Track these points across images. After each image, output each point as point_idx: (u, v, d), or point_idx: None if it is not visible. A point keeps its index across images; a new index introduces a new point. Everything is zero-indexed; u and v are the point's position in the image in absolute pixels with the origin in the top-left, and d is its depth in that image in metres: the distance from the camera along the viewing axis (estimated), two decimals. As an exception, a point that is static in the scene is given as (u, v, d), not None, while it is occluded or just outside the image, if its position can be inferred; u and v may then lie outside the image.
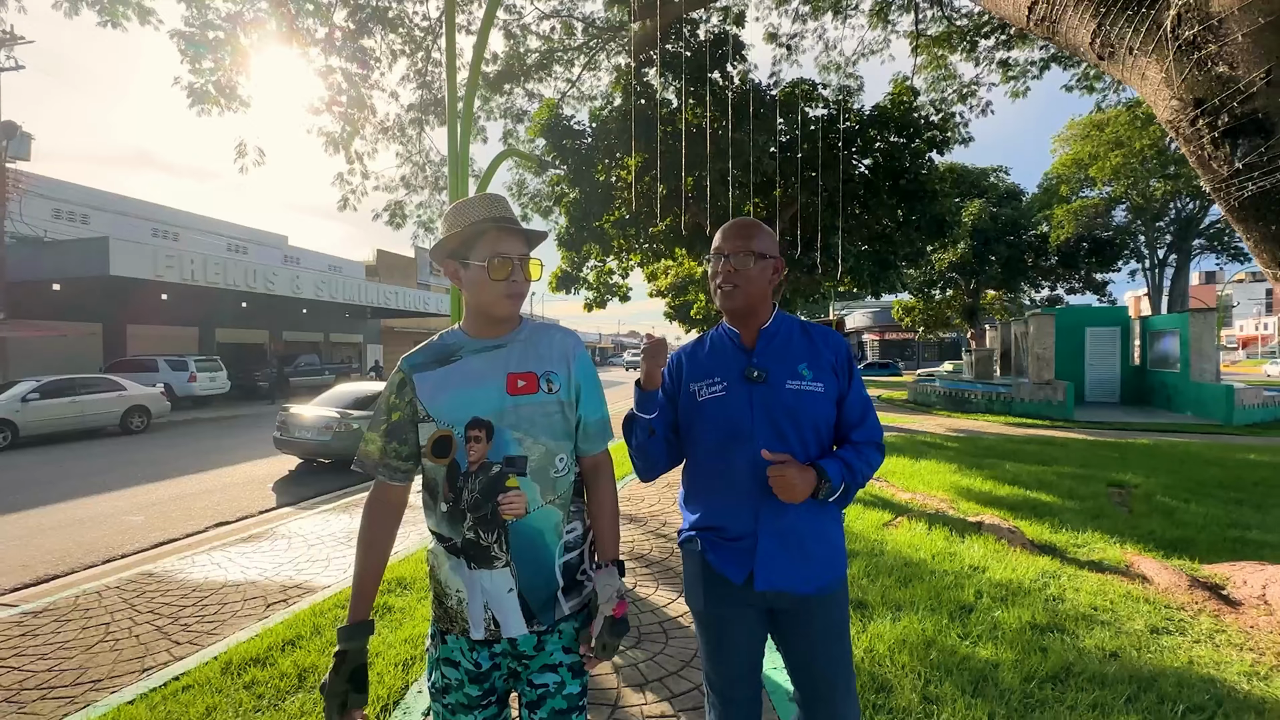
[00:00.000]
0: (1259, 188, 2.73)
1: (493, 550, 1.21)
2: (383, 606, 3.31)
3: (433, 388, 1.23)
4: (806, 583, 1.39)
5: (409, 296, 29.13)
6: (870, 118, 13.44)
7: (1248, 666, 2.62)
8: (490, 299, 1.25)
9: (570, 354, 1.32)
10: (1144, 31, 2.98)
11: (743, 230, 1.49)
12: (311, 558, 4.34)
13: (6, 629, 3.22)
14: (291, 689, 2.50)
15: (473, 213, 1.26)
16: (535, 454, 1.23)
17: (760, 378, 1.42)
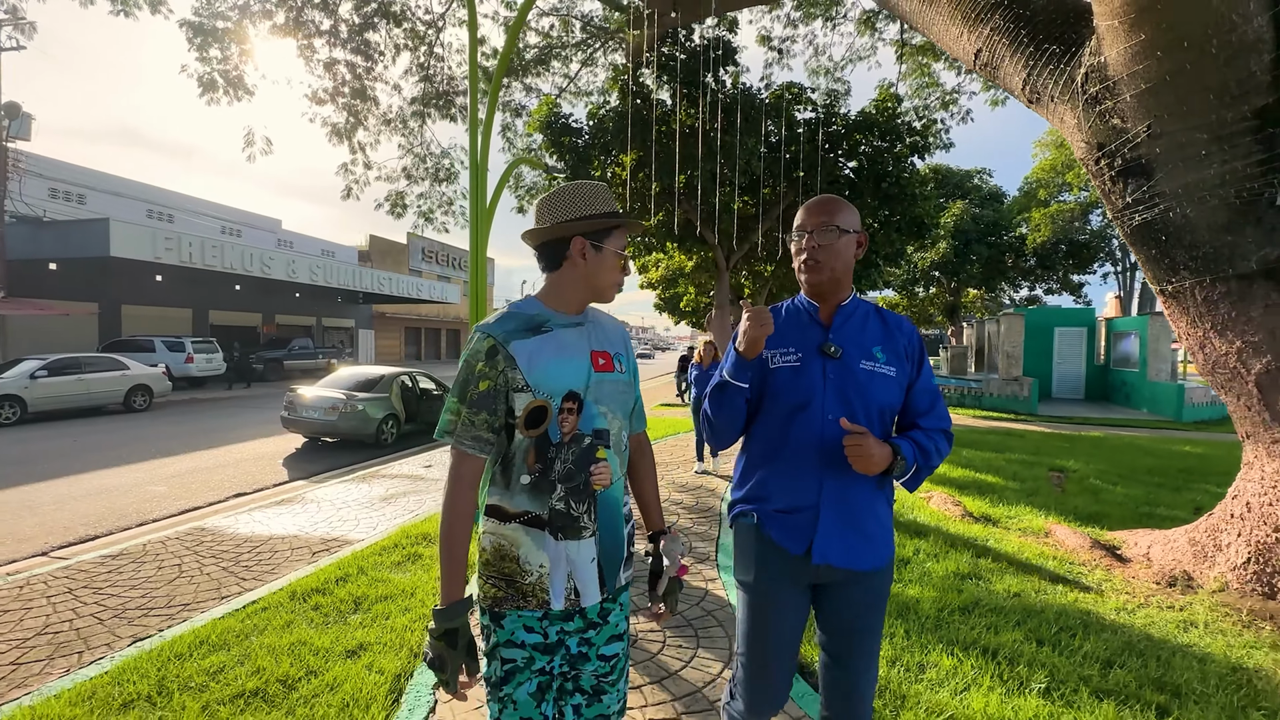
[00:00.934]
0: (1142, 219, 3.37)
1: (582, 520, 1.24)
2: (413, 554, 3.89)
3: (531, 356, 1.23)
4: (860, 560, 1.41)
5: (404, 283, 29.42)
6: (856, 122, 14.03)
7: (1119, 604, 3.28)
8: (606, 284, 1.32)
9: (628, 339, 1.42)
10: (1061, 84, 3.60)
11: (825, 206, 1.48)
12: (342, 518, 4.91)
13: (93, 567, 3.76)
14: (350, 610, 3.08)
15: (605, 203, 1.32)
16: (615, 428, 1.29)
17: (836, 353, 1.43)
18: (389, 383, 10.19)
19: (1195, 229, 3.18)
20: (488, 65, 13.13)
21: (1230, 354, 3.20)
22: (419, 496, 5.66)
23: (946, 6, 4.34)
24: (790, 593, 1.44)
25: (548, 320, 1.28)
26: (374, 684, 2.38)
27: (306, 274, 22.52)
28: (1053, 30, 3.70)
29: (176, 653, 2.61)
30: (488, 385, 1.21)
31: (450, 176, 13.87)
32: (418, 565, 3.71)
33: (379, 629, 2.86)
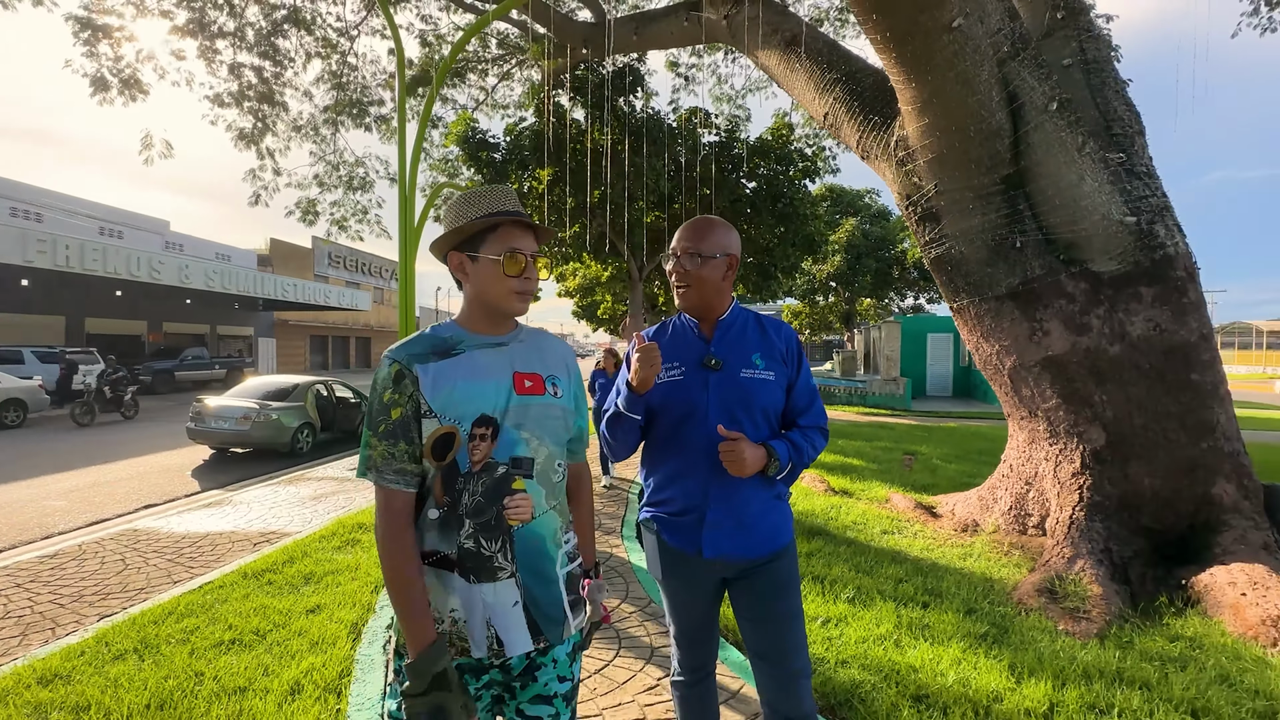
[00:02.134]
0: (936, 253, 4.46)
1: (496, 560, 1.13)
2: (352, 540, 4.36)
3: (436, 380, 1.14)
4: (752, 549, 1.50)
5: (310, 289, 28.30)
6: (754, 147, 15.40)
7: (924, 545, 4.33)
8: (500, 295, 1.20)
9: (570, 361, 1.31)
10: (881, 146, 4.66)
11: (695, 232, 1.57)
12: (275, 515, 5.23)
13: (34, 565, 3.95)
14: (301, 583, 3.56)
15: (484, 204, 1.21)
16: (541, 456, 1.18)
17: (717, 365, 1.51)
18: (303, 391, 10.21)
19: (968, 262, 4.29)
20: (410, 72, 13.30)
21: (993, 354, 4.34)
22: (348, 495, 6.03)
23: (803, 76, 5.36)
24: (696, 588, 1.56)
25: (461, 342, 1.20)
26: (335, 629, 2.93)
27: (202, 279, 21.34)
28: (876, 105, 4.77)
29: (151, 619, 3.02)
30: (399, 413, 1.13)
31: (365, 185, 13.90)
32: (358, 548, 4.20)
33: (332, 594, 3.38)
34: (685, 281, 1.54)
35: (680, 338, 1.60)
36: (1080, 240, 3.98)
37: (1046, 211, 4.05)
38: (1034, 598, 3.34)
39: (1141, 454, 3.74)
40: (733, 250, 1.58)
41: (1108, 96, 4.41)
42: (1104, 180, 3.95)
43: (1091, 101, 4.37)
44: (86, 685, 2.43)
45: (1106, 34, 11.56)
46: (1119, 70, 4.45)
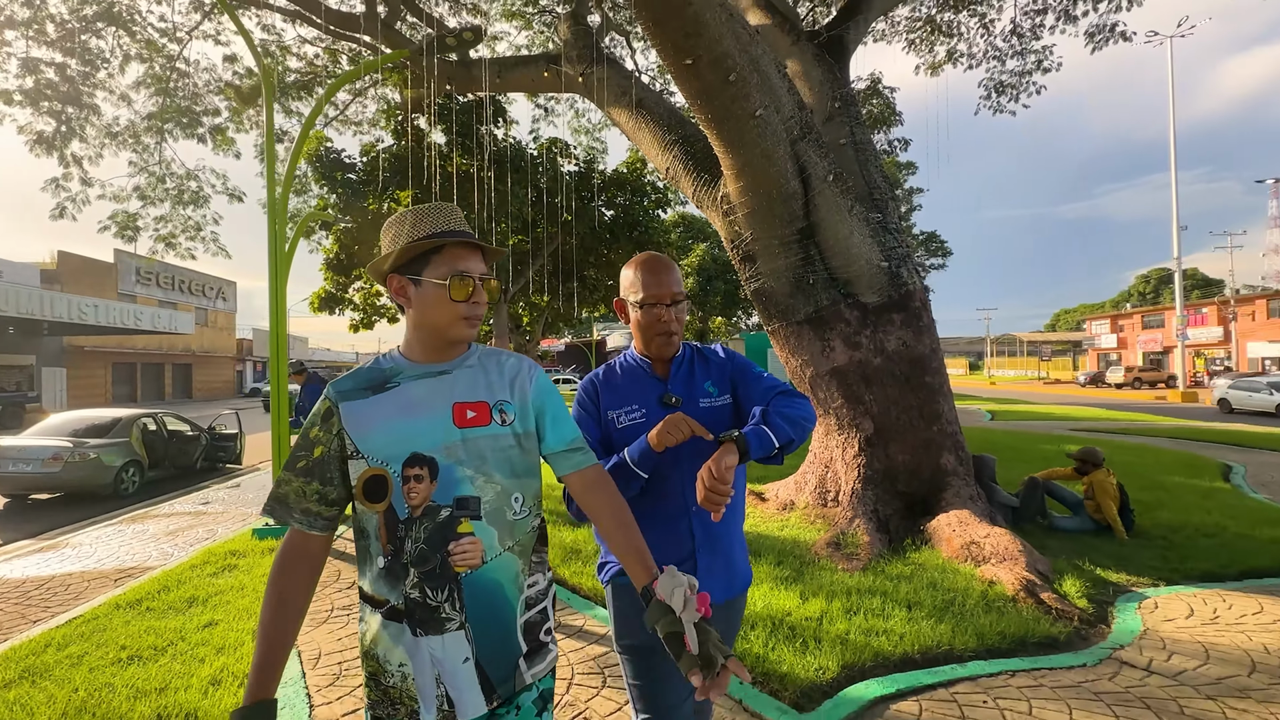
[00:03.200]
0: (754, 287, 5.55)
1: (443, 611, 1.05)
2: (228, 565, 4.41)
3: (362, 418, 1.08)
4: (732, 588, 1.47)
5: (116, 311, 24.70)
6: (611, 178, 16.54)
7: (752, 523, 5.34)
8: (446, 320, 1.11)
9: (524, 379, 1.19)
10: (711, 199, 5.70)
11: (672, 276, 1.50)
12: (130, 553, 5.01)
13: None
14: (185, 606, 3.65)
15: (426, 224, 1.13)
16: (490, 494, 1.09)
17: (677, 403, 1.49)
18: (127, 426, 9.30)
19: (777, 294, 5.44)
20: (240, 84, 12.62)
21: (798, 366, 5.52)
22: (207, 527, 5.84)
23: (648, 134, 6.33)
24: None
25: (397, 374, 1.13)
26: (239, 636, 3.17)
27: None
28: (706, 165, 5.83)
29: (29, 651, 3.03)
30: (321, 451, 1.08)
31: (199, 199, 12.85)
32: (237, 572, 4.29)
33: (224, 611, 3.55)
34: (673, 329, 1.50)
35: (634, 379, 1.55)
36: (853, 279, 5.27)
37: (830, 256, 5.31)
38: (825, 550, 4.43)
39: (896, 437, 5.05)
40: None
41: (870, 170, 5.85)
42: (867, 234, 5.29)
43: (859, 173, 5.78)
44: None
45: (891, 99, 14.18)
46: (903, 129, 5.92)
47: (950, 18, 12.04)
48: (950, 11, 11.92)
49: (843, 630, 3.09)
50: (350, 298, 17.40)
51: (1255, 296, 40.47)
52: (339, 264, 13.87)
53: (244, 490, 7.85)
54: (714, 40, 4.43)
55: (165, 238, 12.74)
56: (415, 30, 11.88)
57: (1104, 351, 52.80)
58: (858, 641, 2.97)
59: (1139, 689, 2.60)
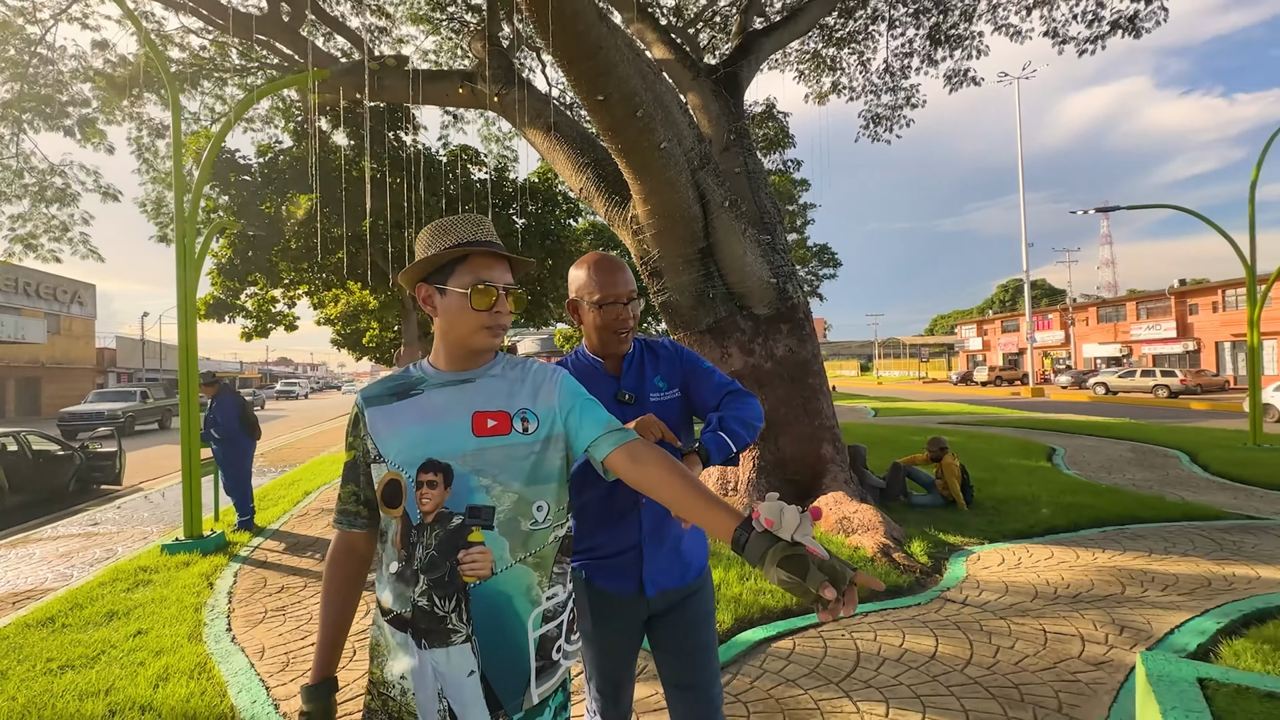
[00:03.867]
0: (661, 300, 6.13)
1: (450, 621, 1.03)
2: (143, 580, 4.36)
3: (384, 423, 1.11)
4: (684, 576, 1.51)
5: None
6: (522, 187, 16.73)
7: (663, 513, 5.90)
8: (468, 330, 1.12)
9: (549, 385, 1.18)
10: (622, 219, 6.22)
11: (624, 275, 1.54)
12: (19, 577, 4.75)
13: None
14: (105, 620, 3.65)
15: (454, 234, 1.14)
16: (505, 503, 1.06)
17: (630, 399, 1.53)
18: (-16, 447, 8.49)
19: (682, 307, 6.05)
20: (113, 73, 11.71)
21: (701, 371, 6.16)
22: (104, 547, 5.59)
23: (562, 155, 6.77)
24: (625, 631, 1.52)
25: (423, 381, 1.15)
26: (174, 640, 3.28)
27: None
28: (617, 188, 6.34)
29: (-57, 672, 2.98)
30: (352, 456, 1.15)
31: (64, 197, 11.76)
32: (154, 585, 4.26)
33: (150, 620, 3.59)
34: (629, 328, 1.54)
35: (588, 377, 1.53)
36: (747, 293, 5.98)
37: (727, 273, 5.98)
38: (725, 531, 5.06)
39: (785, 431, 5.79)
40: None
41: (761, 196, 6.62)
42: (758, 254, 6.02)
43: (751, 199, 6.53)
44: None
45: (785, 122, 15.48)
46: (796, 150, 6.69)
47: (834, 53, 13.35)
48: (833, 48, 13.23)
49: (737, 592, 3.68)
50: (243, 304, 16.42)
51: (1089, 304, 46.85)
52: (233, 269, 13.12)
53: (137, 509, 7.42)
54: (622, 79, 4.95)
55: (23, 238, 11.57)
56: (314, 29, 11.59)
57: (972, 353, 58.93)
58: (748, 600, 3.57)
59: (954, 617, 3.37)
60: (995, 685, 2.66)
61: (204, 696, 2.65)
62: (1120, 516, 5.33)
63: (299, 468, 10.19)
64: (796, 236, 29.96)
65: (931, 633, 3.18)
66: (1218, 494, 6.36)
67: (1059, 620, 3.28)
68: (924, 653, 2.97)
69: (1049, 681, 2.68)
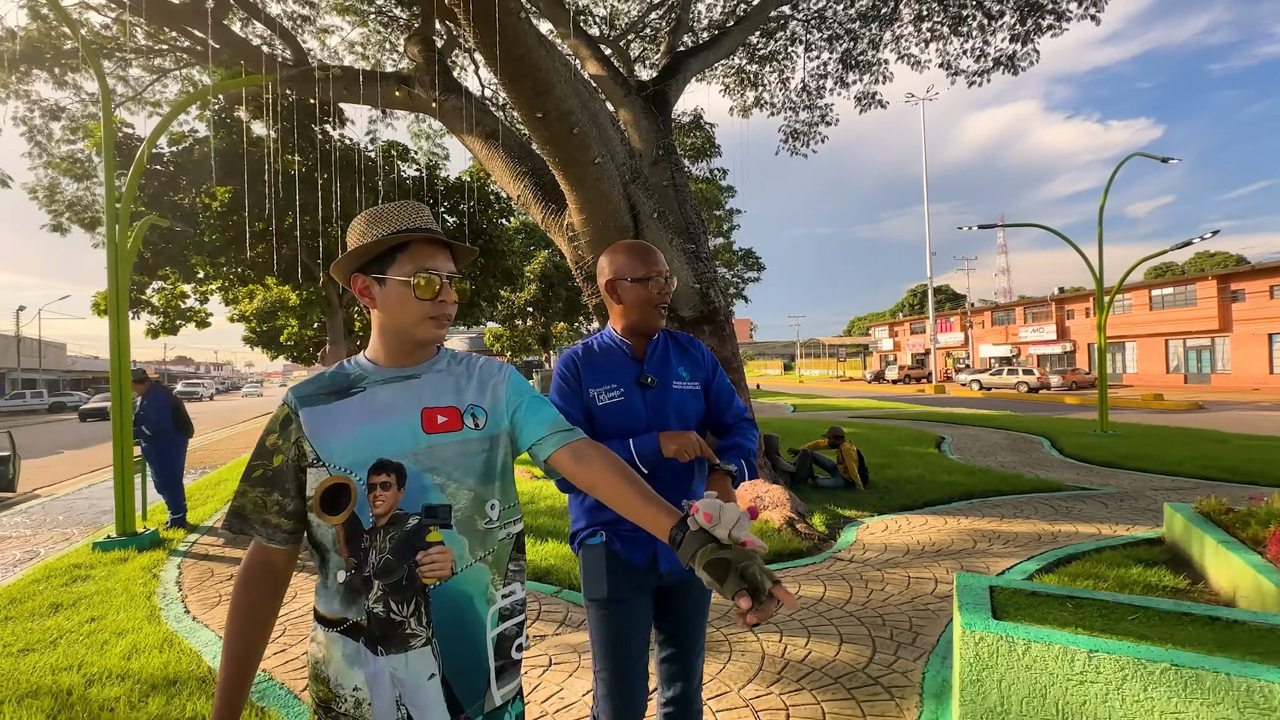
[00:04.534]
0: (594, 303, 6.59)
1: (408, 626, 0.99)
2: (80, 576, 4.38)
3: (324, 424, 1.02)
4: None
5: None
6: (453, 185, 16.71)
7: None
8: (412, 321, 1.07)
9: (498, 380, 1.15)
10: (559, 226, 6.64)
11: (655, 256, 1.65)
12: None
13: None
14: (52, 611, 3.71)
15: (392, 222, 1.08)
16: (461, 501, 1.04)
17: (652, 383, 1.62)
18: None
19: (614, 309, 6.55)
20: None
21: (632, 368, 6.69)
22: (24, 549, 5.44)
23: (500, 163, 7.10)
24: (638, 600, 1.58)
25: (363, 378, 1.09)
26: (133, 621, 3.44)
27: None
28: (554, 195, 6.76)
29: (-109, 661, 3.03)
30: (281, 460, 1.03)
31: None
32: (92, 579, 4.30)
33: (104, 608, 3.70)
34: (668, 301, 1.66)
35: (612, 358, 1.65)
36: (675, 298, 6.55)
37: (655, 278, 6.54)
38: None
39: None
40: None
41: (686, 209, 7.22)
42: (684, 262, 6.60)
43: (678, 211, 7.12)
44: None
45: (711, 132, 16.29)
46: (722, 157, 7.28)
47: (756, 70, 14.24)
48: (756, 65, 14.11)
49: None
50: (148, 299, 15.50)
51: (985, 309, 51.27)
52: (142, 263, 12.42)
53: (47, 512, 7.11)
54: (560, 99, 5.39)
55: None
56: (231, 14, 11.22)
57: (885, 353, 62.99)
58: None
59: (841, 571, 4.05)
60: (865, 616, 3.33)
61: (180, 663, 2.89)
62: (985, 490, 6.31)
63: (223, 468, 9.93)
64: (723, 241, 31.20)
65: (821, 583, 3.83)
66: (1065, 471, 7.54)
67: (921, 569, 4.03)
68: (814, 597, 3.61)
69: (906, 612, 3.37)
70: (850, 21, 12.86)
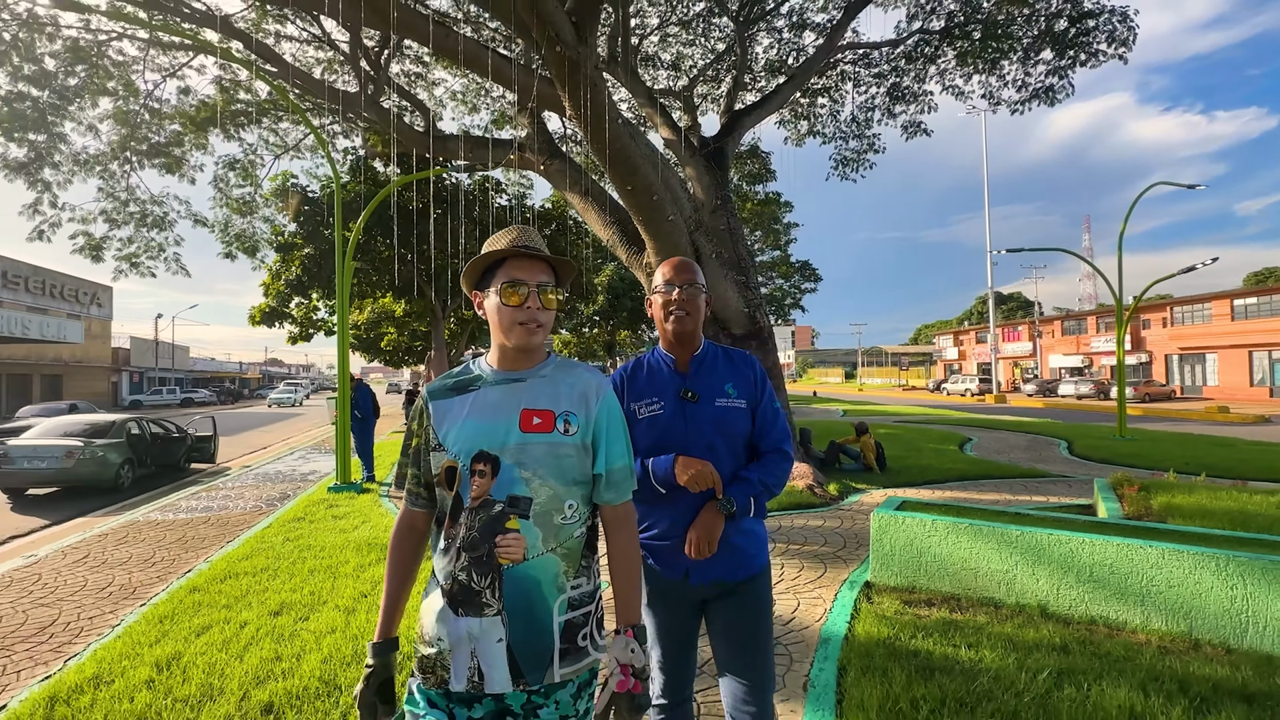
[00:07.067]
0: (666, 322, 8.60)
1: (484, 596, 1.16)
2: (305, 517, 6.71)
3: (445, 416, 1.25)
4: (735, 571, 1.63)
5: (8, 319, 23.52)
6: (540, 212, 19.17)
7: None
8: (505, 326, 1.24)
9: (593, 395, 1.28)
10: (640, 264, 8.67)
11: (688, 266, 1.73)
12: (233, 504, 7.10)
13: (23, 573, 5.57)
14: (331, 520, 6.00)
15: (496, 243, 1.28)
16: (542, 496, 1.19)
17: (693, 398, 1.65)
18: (121, 428, 10.64)
19: (681, 327, 8.49)
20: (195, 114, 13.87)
21: (694, 373, 8.61)
22: (273, 494, 7.92)
23: (594, 214, 9.21)
24: (675, 609, 1.66)
25: (480, 378, 1.28)
26: (382, 521, 5.65)
27: None
28: (635, 240, 8.77)
29: (228, 562, 5.34)
30: (417, 441, 1.28)
31: (163, 223, 14.00)
32: (341, 505, 6.61)
33: (360, 516, 5.95)
34: (685, 309, 1.68)
35: (656, 374, 1.72)
36: (728, 319, 8.44)
37: (716, 307, 8.44)
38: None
39: (753, 417, 8.24)
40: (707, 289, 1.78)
41: (739, 248, 9.11)
42: (736, 291, 8.49)
43: (732, 249, 9.01)
44: (193, 646, 4.79)
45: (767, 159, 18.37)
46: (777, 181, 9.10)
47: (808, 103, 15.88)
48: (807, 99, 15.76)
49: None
50: (290, 312, 18.72)
51: (1055, 318, 49.99)
52: (299, 284, 15.43)
53: (261, 476, 9.73)
54: (644, 176, 7.42)
55: (129, 257, 13.80)
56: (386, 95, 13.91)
57: (949, 363, 61.99)
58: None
59: (837, 513, 5.85)
60: (844, 532, 5.14)
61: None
62: (978, 475, 7.86)
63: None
64: (779, 254, 32.62)
65: (822, 518, 5.65)
66: (1063, 465, 8.90)
67: (898, 515, 5.76)
68: (816, 526, 5.43)
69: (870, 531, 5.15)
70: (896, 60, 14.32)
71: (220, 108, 14.83)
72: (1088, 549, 3.27)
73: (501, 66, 8.39)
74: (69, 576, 4.61)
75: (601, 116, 6.81)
